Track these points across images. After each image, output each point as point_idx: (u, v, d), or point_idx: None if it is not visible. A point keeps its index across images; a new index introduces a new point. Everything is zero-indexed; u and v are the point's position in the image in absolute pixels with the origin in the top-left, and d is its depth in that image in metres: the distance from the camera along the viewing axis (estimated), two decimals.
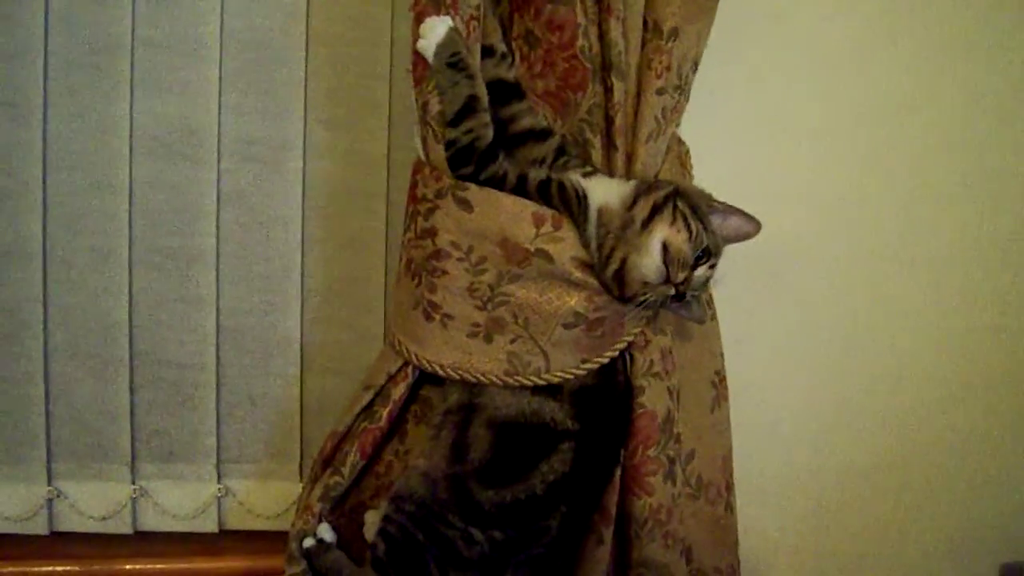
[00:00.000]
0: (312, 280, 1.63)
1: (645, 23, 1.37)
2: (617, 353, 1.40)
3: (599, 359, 1.39)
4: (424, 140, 1.35)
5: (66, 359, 1.59)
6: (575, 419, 1.38)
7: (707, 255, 1.31)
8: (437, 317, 1.36)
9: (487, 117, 1.32)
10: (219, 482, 1.66)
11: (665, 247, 1.28)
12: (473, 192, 1.31)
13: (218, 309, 1.61)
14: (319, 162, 1.60)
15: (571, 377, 1.37)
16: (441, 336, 1.36)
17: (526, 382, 1.36)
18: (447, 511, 1.36)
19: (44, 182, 1.54)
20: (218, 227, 1.59)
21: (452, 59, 1.29)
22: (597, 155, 1.39)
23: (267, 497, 1.68)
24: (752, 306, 1.72)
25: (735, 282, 1.63)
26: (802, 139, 1.72)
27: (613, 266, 1.30)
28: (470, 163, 1.32)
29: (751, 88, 1.68)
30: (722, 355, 1.55)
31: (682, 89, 1.41)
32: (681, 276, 1.28)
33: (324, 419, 1.66)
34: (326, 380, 1.67)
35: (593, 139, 1.39)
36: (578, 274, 1.32)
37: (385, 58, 1.60)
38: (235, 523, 1.68)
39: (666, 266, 1.27)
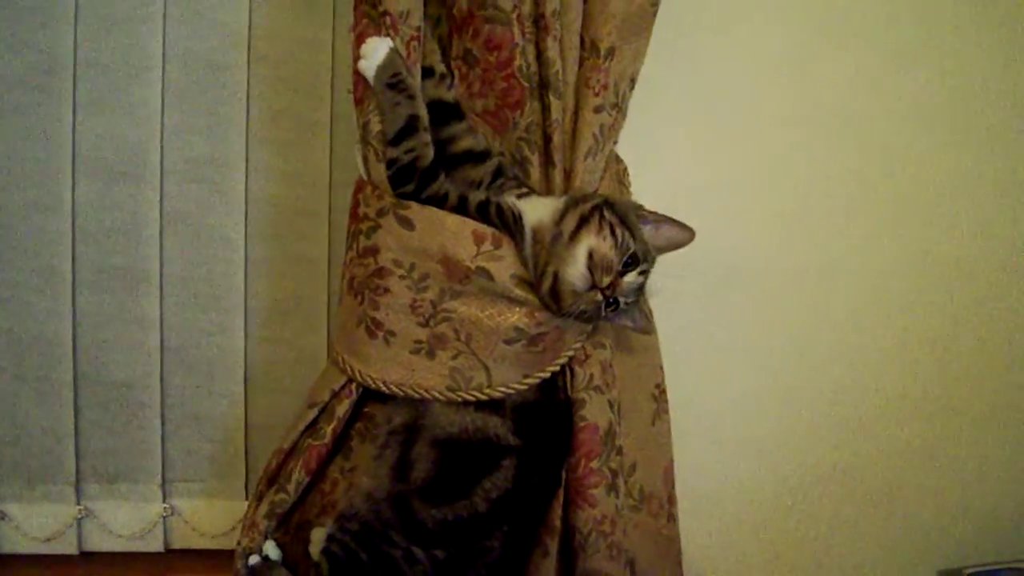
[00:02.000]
0: (255, 299, 1.64)
1: (582, 42, 1.40)
2: (558, 368, 1.42)
3: (540, 374, 1.41)
4: (365, 159, 1.36)
5: (10, 380, 1.59)
6: (516, 435, 1.39)
7: (635, 261, 1.33)
8: (380, 334, 1.37)
9: (427, 137, 1.34)
10: (164, 501, 1.65)
11: (590, 254, 1.30)
12: (415, 211, 1.33)
13: (162, 329, 1.61)
14: (262, 182, 1.60)
15: (513, 392, 1.39)
16: (384, 353, 1.38)
17: (469, 397, 1.38)
18: (390, 530, 1.37)
19: None
20: (161, 247, 1.59)
21: (392, 80, 1.30)
22: (535, 172, 1.41)
23: (213, 516, 1.67)
24: (695, 318, 1.73)
25: (677, 294, 1.65)
26: (743, 152, 1.74)
27: (547, 282, 1.32)
28: (411, 182, 1.34)
29: (690, 104, 1.69)
30: (662, 368, 1.57)
31: (619, 107, 1.44)
32: (606, 280, 1.30)
33: (269, 437, 1.65)
34: (270, 399, 1.67)
35: (531, 156, 1.41)
36: (518, 291, 1.34)
37: (326, 79, 1.61)
38: (181, 542, 1.68)
39: (590, 272, 1.29)
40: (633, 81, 1.45)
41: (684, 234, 1.41)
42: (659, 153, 1.65)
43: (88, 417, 1.62)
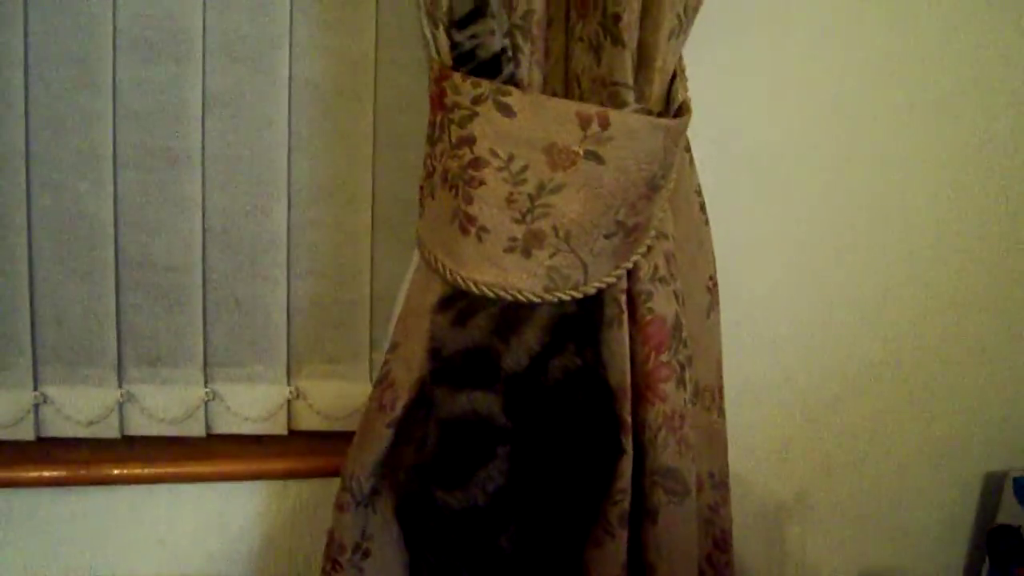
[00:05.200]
0: (298, 181, 1.60)
1: None
2: (641, 255, 1.37)
3: (626, 264, 1.36)
4: (435, 38, 1.29)
5: (51, 262, 1.57)
6: (506, 413, 1.32)
7: None
8: (473, 231, 1.29)
9: (495, 24, 1.25)
10: (206, 386, 1.64)
11: None
12: (515, 96, 1.26)
13: (204, 210, 1.58)
14: (306, 61, 1.56)
15: (604, 287, 1.34)
16: (477, 251, 1.30)
17: (564, 296, 1.32)
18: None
19: (26, 83, 1.50)
20: (203, 127, 1.55)
21: None
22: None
23: (254, 400, 1.66)
24: (744, 210, 1.70)
25: (728, 186, 1.62)
26: (797, 38, 1.68)
27: None
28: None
29: None
30: (714, 260, 1.54)
31: None
32: None
33: (311, 321, 1.65)
34: (313, 281, 1.65)
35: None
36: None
37: None
38: (222, 427, 1.67)
39: None
40: None
41: None
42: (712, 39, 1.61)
43: (129, 300, 1.60)
